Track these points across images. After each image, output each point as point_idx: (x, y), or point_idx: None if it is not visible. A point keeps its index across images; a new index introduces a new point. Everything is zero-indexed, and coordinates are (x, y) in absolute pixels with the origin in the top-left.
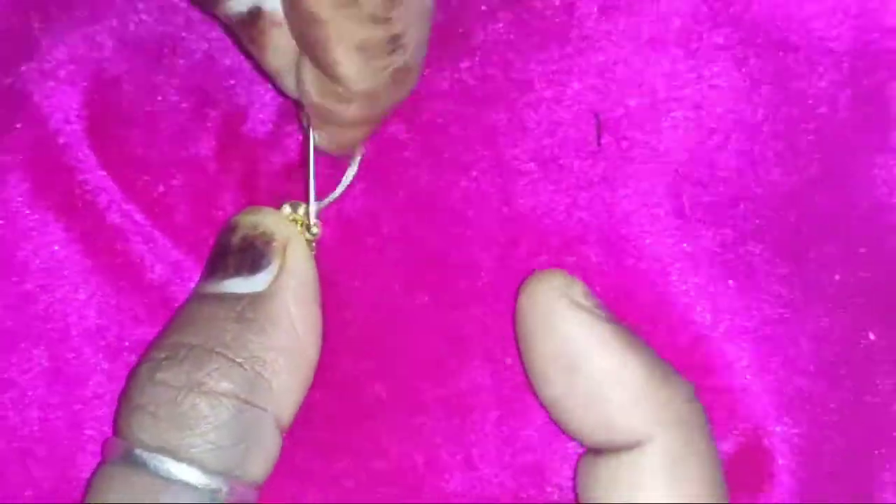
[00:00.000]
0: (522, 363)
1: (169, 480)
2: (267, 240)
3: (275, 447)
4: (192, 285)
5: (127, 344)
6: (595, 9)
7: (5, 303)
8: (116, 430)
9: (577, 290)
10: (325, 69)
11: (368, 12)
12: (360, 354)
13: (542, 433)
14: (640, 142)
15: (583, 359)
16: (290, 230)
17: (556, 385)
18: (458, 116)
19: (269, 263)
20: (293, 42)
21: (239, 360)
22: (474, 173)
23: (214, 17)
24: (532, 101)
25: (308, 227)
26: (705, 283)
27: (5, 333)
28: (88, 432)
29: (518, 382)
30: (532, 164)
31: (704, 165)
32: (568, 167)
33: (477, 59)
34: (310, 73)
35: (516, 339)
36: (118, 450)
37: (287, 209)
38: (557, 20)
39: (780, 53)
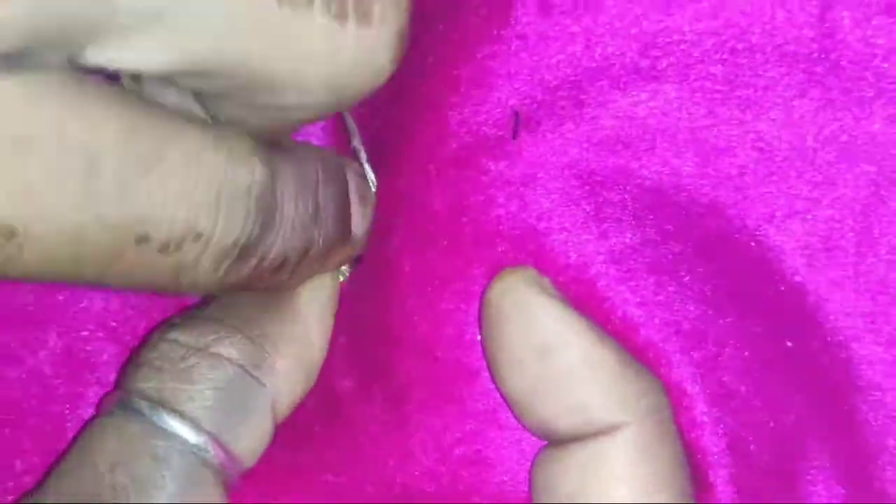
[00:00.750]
0: (487, 356)
1: (160, 429)
2: None
3: (266, 428)
4: None
5: (140, 339)
6: (535, 8)
7: (29, 286)
8: (117, 385)
9: (548, 283)
10: None
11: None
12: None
13: (481, 424)
14: (558, 142)
15: (558, 344)
16: None
17: (528, 372)
18: (389, 116)
19: None
20: None
21: (251, 335)
22: (401, 179)
23: None
24: (457, 102)
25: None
26: (627, 277)
27: (23, 313)
28: (85, 415)
29: (449, 376)
30: (449, 167)
31: (621, 171)
32: (485, 167)
33: (411, 55)
34: None
35: (453, 330)
36: (114, 399)
37: None
38: (493, 18)
39: (735, 58)
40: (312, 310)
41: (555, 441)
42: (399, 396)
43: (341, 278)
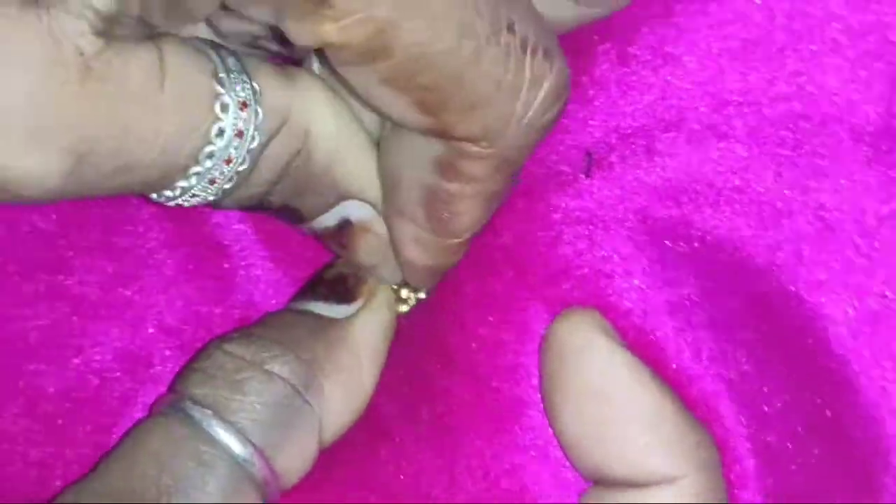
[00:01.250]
0: (544, 393)
1: (208, 435)
2: (358, 280)
3: (311, 449)
4: None
5: (198, 346)
6: (613, 56)
7: (98, 278)
8: (170, 388)
9: (610, 328)
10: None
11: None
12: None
13: (529, 458)
14: (628, 187)
15: (622, 392)
16: None
17: (588, 416)
18: None
19: (354, 300)
20: (382, 240)
21: (304, 356)
22: None
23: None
24: None
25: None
26: (683, 329)
27: (89, 304)
28: (137, 413)
29: (503, 407)
30: (520, 199)
31: (685, 222)
32: (555, 204)
33: None
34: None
35: (527, 367)
36: (166, 400)
37: None
38: (572, 64)
39: (796, 130)
40: (365, 341)
41: (606, 484)
42: (448, 421)
43: (404, 308)
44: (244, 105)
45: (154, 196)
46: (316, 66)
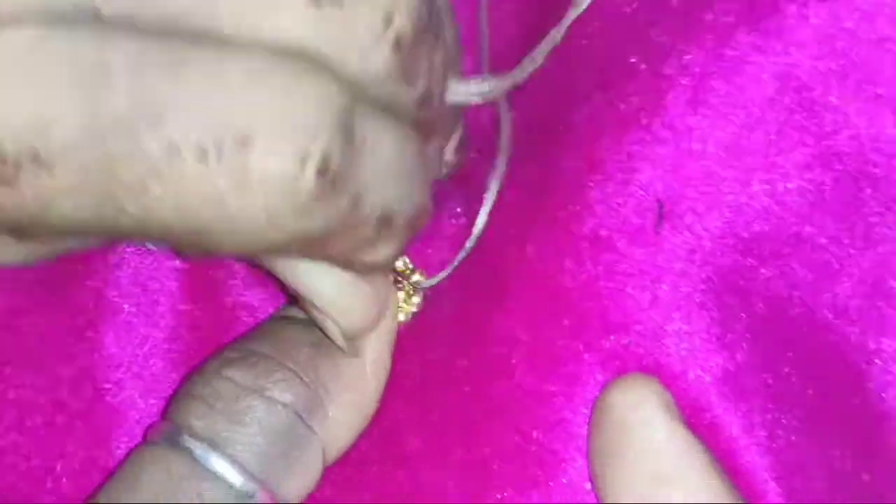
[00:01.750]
0: (594, 462)
1: (208, 471)
2: None
3: (313, 474)
4: None
5: (193, 351)
6: (684, 102)
7: (94, 284)
8: (166, 415)
9: (672, 401)
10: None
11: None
12: (403, 405)
13: None
14: (694, 239)
15: (677, 476)
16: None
17: (638, 495)
18: (526, 190)
19: None
20: None
21: (306, 379)
22: (529, 247)
23: None
24: (599, 180)
25: (411, 295)
26: (738, 398)
27: (82, 307)
28: (131, 426)
29: (539, 458)
30: (585, 244)
31: (748, 276)
32: (623, 252)
33: (552, 130)
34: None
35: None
36: (164, 431)
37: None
38: (643, 107)
39: (859, 186)
40: (371, 352)
41: None
42: (481, 466)
43: (402, 318)
44: None
45: None
46: None
